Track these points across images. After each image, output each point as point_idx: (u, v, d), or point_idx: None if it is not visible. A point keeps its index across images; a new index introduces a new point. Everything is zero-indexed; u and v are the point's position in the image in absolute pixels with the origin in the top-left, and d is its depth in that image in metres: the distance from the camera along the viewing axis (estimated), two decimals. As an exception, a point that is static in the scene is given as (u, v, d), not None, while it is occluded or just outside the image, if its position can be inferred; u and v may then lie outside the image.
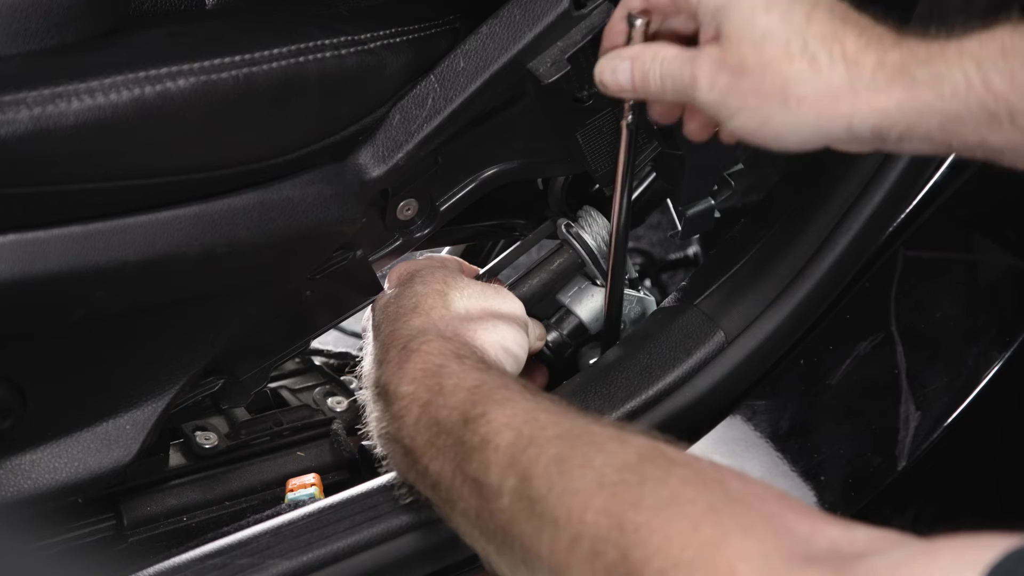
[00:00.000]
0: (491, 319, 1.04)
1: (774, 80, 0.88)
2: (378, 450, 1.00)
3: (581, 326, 1.19)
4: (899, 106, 0.86)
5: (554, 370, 1.23)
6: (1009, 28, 0.84)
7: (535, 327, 1.15)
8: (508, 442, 0.82)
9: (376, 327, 1.06)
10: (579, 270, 1.19)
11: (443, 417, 0.89)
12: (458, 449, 0.86)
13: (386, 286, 1.12)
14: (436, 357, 0.95)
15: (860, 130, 0.87)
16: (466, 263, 1.21)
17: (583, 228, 1.16)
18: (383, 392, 0.97)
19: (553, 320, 1.20)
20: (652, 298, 1.22)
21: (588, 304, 1.18)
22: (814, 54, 0.88)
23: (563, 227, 1.17)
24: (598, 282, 1.18)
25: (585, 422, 0.83)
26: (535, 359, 1.19)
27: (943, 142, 0.87)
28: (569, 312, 1.19)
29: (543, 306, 1.19)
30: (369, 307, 1.13)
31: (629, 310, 1.20)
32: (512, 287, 1.18)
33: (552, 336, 1.20)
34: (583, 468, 0.77)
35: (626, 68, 0.98)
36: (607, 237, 1.16)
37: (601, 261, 1.17)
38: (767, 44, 0.89)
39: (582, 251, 1.16)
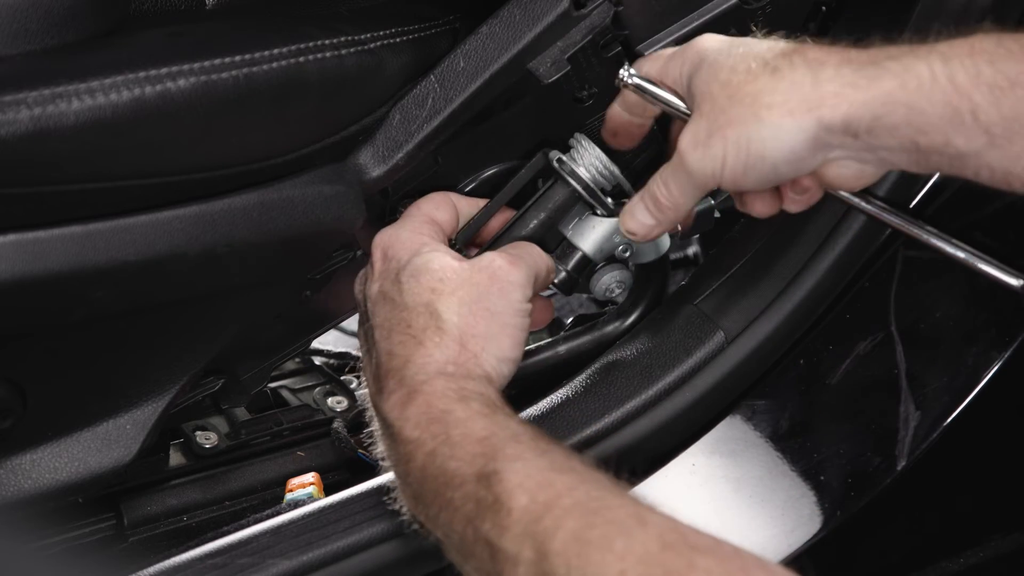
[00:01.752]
0: (486, 326, 0.99)
1: (743, 102, 0.91)
2: (390, 480, 0.99)
3: (585, 259, 1.13)
4: (865, 95, 0.87)
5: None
6: (981, 34, 0.86)
7: (544, 262, 1.09)
8: (522, 507, 0.80)
9: (368, 327, 1.02)
10: (578, 201, 1.15)
11: (451, 469, 0.87)
12: (470, 506, 0.84)
13: (372, 260, 1.05)
14: (439, 400, 0.92)
15: (831, 122, 0.88)
16: (463, 199, 1.13)
17: (575, 161, 1.11)
18: (387, 427, 0.95)
19: (556, 254, 1.14)
20: (667, 235, 1.18)
21: (591, 236, 1.13)
22: (775, 67, 0.91)
23: (555, 162, 1.12)
24: (599, 212, 1.13)
25: (600, 492, 0.81)
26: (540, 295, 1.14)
27: (910, 138, 0.87)
28: (572, 246, 1.14)
29: (547, 240, 1.15)
30: (357, 283, 1.06)
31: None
32: (512, 228, 1.14)
33: (561, 277, 1.14)
34: (603, 552, 0.75)
35: (640, 207, 1.02)
36: (600, 167, 1.12)
37: (598, 191, 1.13)
38: (732, 77, 0.92)
39: (578, 186, 1.12)
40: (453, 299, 0.99)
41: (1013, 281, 1.00)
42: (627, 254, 1.14)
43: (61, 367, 0.99)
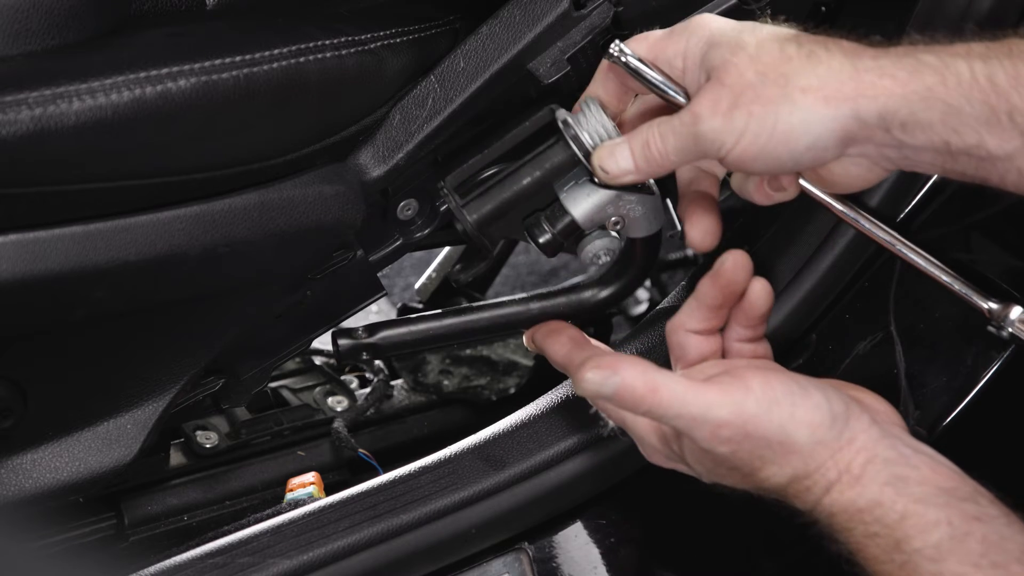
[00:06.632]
0: None
1: (775, 81, 0.87)
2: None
3: (574, 224, 1.08)
4: (904, 89, 0.85)
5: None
6: (1016, 36, 0.85)
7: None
8: None
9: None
10: (576, 164, 1.12)
11: None
12: None
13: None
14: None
15: (866, 113, 0.85)
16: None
17: (580, 125, 1.05)
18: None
19: (546, 214, 1.10)
20: (660, 212, 1.10)
21: (584, 203, 1.07)
22: (811, 51, 0.88)
23: (560, 122, 1.07)
24: (596, 179, 1.06)
25: None
26: None
27: (943, 138, 0.85)
28: (563, 209, 1.08)
29: (540, 197, 1.12)
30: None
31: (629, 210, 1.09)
32: (504, 181, 1.10)
33: (546, 238, 1.08)
34: None
35: (624, 149, 0.97)
36: (605, 135, 1.07)
37: None
38: (762, 53, 0.88)
39: (579, 152, 1.09)
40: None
41: (981, 303, 1.01)
42: (619, 227, 1.08)
43: (62, 367, 0.99)
